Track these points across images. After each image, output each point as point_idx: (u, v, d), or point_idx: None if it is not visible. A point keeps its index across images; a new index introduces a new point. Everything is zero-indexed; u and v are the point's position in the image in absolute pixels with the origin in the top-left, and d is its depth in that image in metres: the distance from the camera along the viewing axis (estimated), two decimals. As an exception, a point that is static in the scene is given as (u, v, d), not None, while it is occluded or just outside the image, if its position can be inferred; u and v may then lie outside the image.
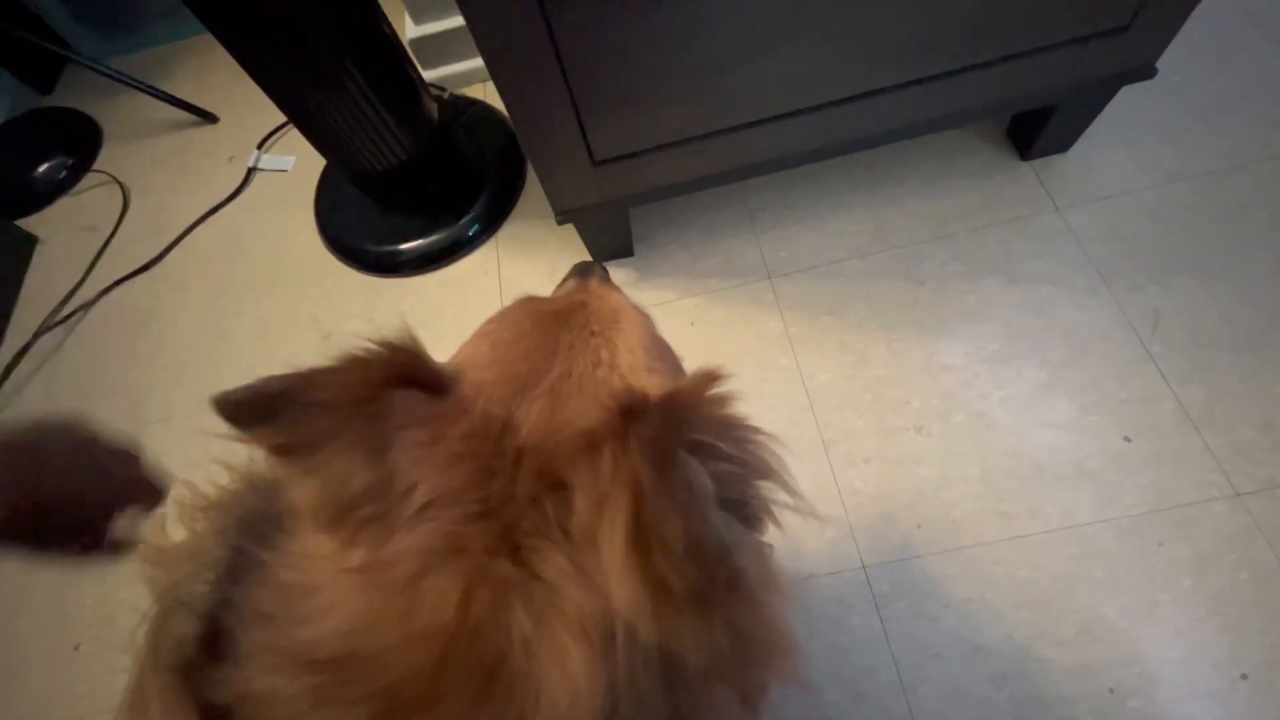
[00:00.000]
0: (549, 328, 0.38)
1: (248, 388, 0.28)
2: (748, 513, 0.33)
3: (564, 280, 0.56)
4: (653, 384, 0.36)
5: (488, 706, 0.26)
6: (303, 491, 0.29)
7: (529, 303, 0.42)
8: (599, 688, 0.26)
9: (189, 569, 0.42)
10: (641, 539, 0.26)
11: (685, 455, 0.28)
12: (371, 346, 0.30)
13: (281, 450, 0.29)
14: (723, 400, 0.32)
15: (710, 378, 0.32)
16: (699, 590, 0.26)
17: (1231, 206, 0.95)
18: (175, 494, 0.61)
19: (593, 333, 0.38)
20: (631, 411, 0.28)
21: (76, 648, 0.96)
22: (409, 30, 1.26)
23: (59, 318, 1.26)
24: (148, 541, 0.54)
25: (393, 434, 0.29)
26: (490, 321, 0.41)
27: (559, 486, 0.29)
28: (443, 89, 1.32)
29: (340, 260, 1.22)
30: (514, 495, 0.29)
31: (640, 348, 0.38)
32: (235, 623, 0.31)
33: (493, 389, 0.33)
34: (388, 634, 0.27)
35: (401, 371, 0.30)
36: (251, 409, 0.28)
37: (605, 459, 0.28)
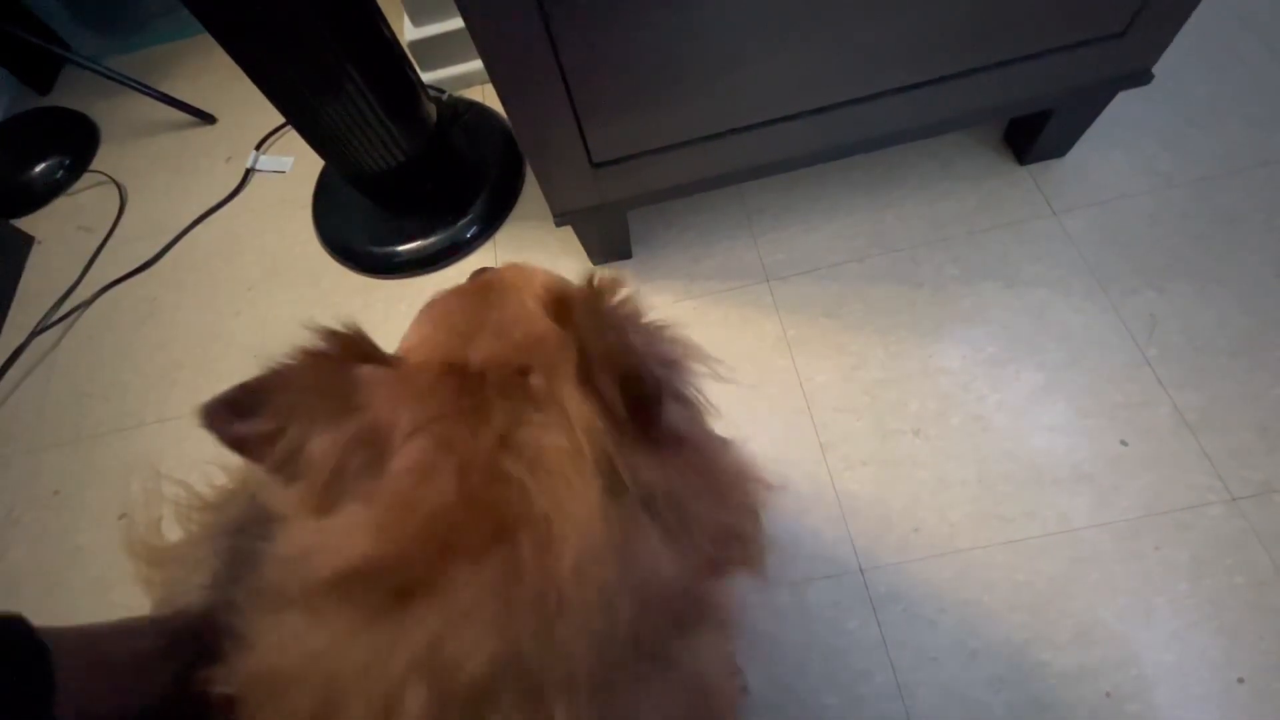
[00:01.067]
0: (473, 297, 0.43)
1: (231, 390, 0.31)
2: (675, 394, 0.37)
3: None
4: (563, 291, 0.41)
5: (500, 550, 0.28)
6: (290, 488, 0.32)
7: (445, 292, 0.47)
8: (595, 509, 0.29)
9: (186, 569, 0.43)
10: (586, 374, 0.31)
11: (612, 309, 0.33)
12: (318, 338, 0.34)
13: (268, 440, 0.31)
14: (624, 295, 0.37)
15: (603, 281, 0.36)
16: (641, 415, 0.31)
17: (1227, 211, 0.96)
18: (171, 494, 0.61)
19: (512, 287, 0.43)
20: (563, 300, 0.35)
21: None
22: (408, 32, 1.26)
23: (55, 318, 1.25)
24: (144, 542, 0.54)
25: (363, 396, 0.33)
26: (419, 314, 0.45)
27: (521, 374, 0.34)
28: (441, 91, 1.32)
29: (338, 261, 1.22)
30: (485, 396, 0.33)
31: (541, 282, 0.43)
32: (237, 619, 0.32)
33: (443, 345, 0.38)
34: (399, 536, 0.29)
35: (353, 350, 0.34)
36: (237, 407, 0.31)
37: (551, 336, 0.35)
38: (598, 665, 0.28)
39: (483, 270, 0.56)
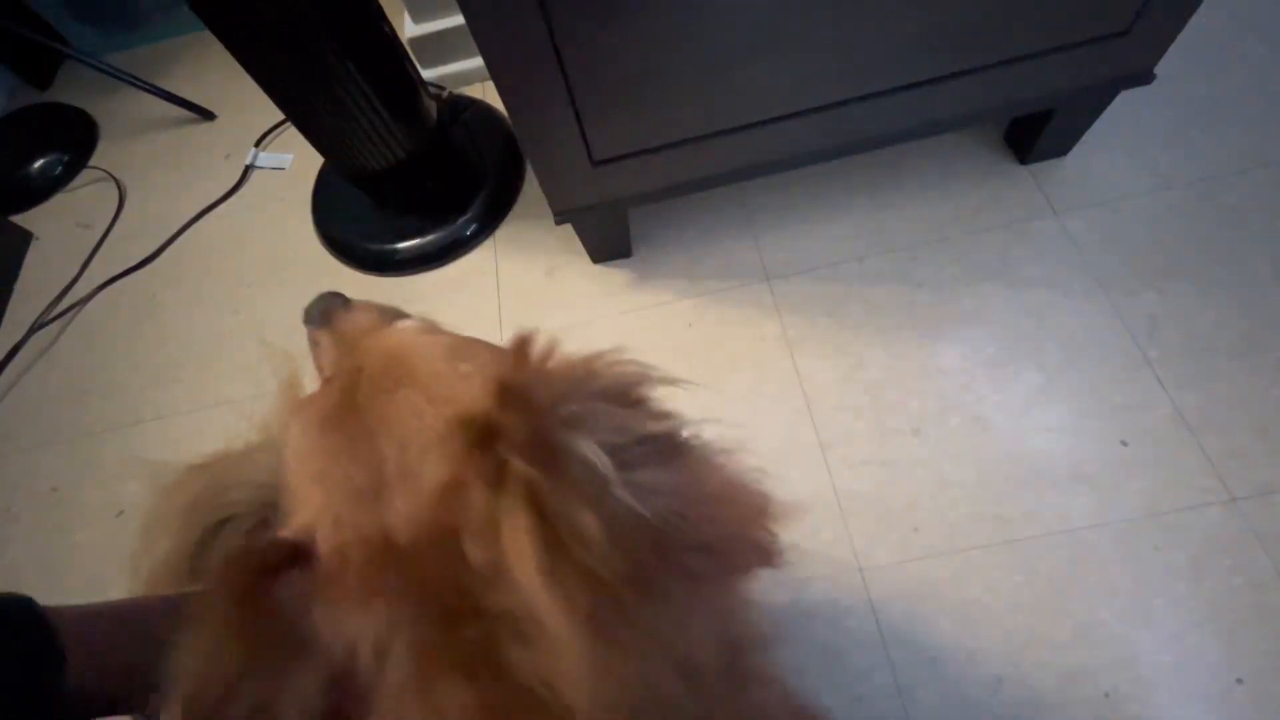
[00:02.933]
0: (345, 422, 0.32)
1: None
2: (655, 446, 0.29)
3: (312, 336, 0.45)
4: (475, 388, 0.31)
5: None
6: None
7: (302, 412, 0.35)
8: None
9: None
10: (554, 548, 0.23)
11: (568, 436, 0.25)
12: (208, 586, 0.25)
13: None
14: (553, 356, 0.29)
15: (524, 342, 0.29)
16: (634, 575, 0.24)
17: (1228, 212, 0.96)
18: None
19: (387, 390, 0.32)
20: (485, 429, 0.25)
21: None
22: (408, 29, 1.26)
23: (54, 314, 1.25)
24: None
25: (301, 626, 0.25)
26: (290, 455, 0.34)
27: (455, 542, 0.26)
28: (442, 88, 1.32)
29: (337, 258, 1.22)
30: (439, 598, 0.26)
31: (441, 365, 0.33)
32: None
33: (347, 519, 0.29)
34: None
35: (261, 578, 0.26)
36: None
37: (476, 494, 0.25)
38: None
39: (325, 320, 0.43)
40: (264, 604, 0.25)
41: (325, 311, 0.44)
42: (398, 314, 0.42)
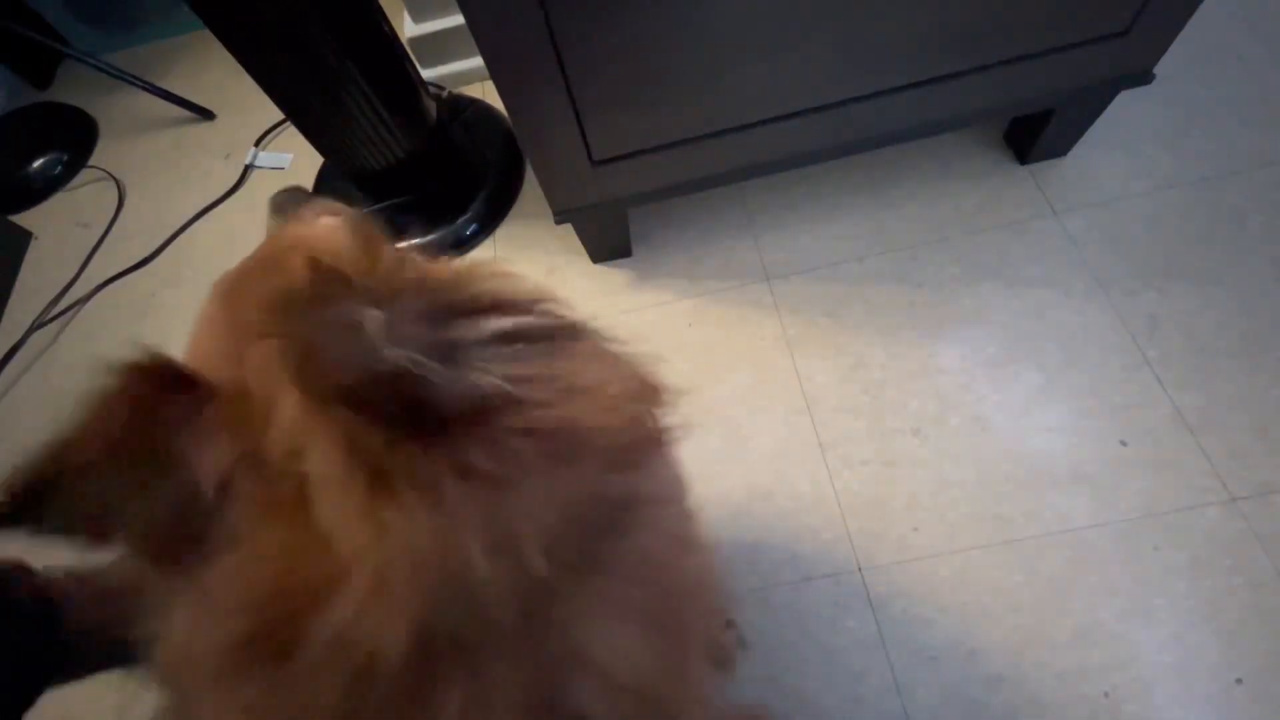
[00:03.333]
0: (244, 291, 0.36)
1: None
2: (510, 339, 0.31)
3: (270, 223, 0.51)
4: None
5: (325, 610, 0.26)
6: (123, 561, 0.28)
7: (221, 283, 0.39)
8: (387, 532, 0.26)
9: None
10: (313, 400, 0.26)
11: (345, 309, 0.26)
12: (109, 379, 0.27)
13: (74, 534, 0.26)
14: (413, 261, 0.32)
15: (371, 239, 0.32)
16: (422, 445, 0.26)
17: (1228, 212, 0.96)
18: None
19: (281, 268, 0.36)
20: (286, 297, 0.26)
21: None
22: (408, 29, 1.26)
23: (52, 314, 1.25)
24: None
25: (174, 446, 0.27)
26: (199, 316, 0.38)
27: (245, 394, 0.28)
28: (441, 87, 1.32)
29: (337, 258, 1.22)
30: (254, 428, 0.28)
31: (322, 250, 0.35)
32: None
33: (219, 349, 0.32)
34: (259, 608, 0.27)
35: (154, 390, 0.28)
36: (18, 514, 0.25)
37: (262, 357, 0.28)
38: (507, 618, 0.28)
39: (282, 209, 0.49)
40: (155, 413, 0.27)
41: (281, 204, 0.50)
42: (336, 210, 0.45)
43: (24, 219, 1.40)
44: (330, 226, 0.38)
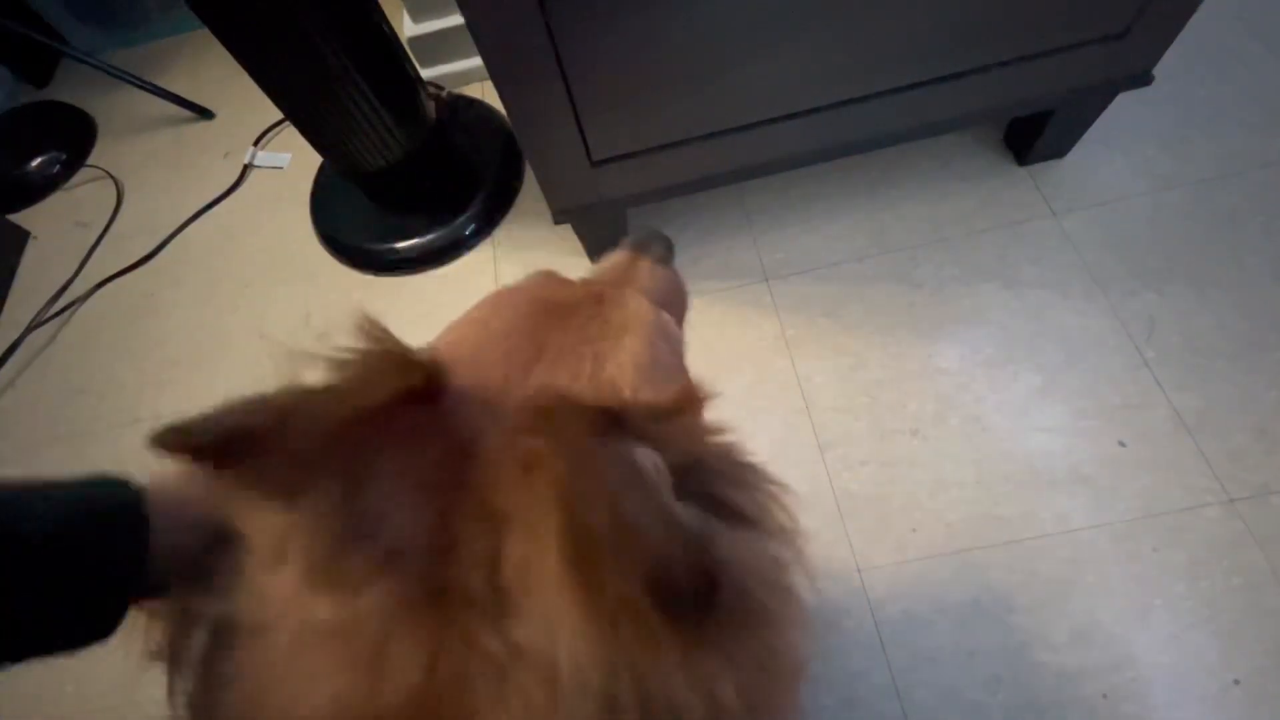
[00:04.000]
0: (543, 324, 0.33)
1: (204, 422, 0.21)
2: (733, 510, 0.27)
3: (619, 248, 0.48)
4: (614, 386, 0.31)
5: None
6: (265, 531, 0.24)
7: (539, 285, 0.37)
8: None
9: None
10: (578, 549, 0.19)
11: (617, 438, 0.22)
12: (349, 358, 0.23)
13: (243, 487, 0.22)
14: (703, 423, 0.28)
15: (692, 397, 0.28)
16: (673, 602, 0.20)
17: (1226, 213, 0.96)
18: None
19: (588, 339, 0.33)
20: (552, 413, 0.22)
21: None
22: (407, 28, 1.26)
23: (51, 313, 1.25)
24: None
25: (374, 460, 0.24)
26: (487, 303, 0.36)
27: (503, 525, 0.23)
28: (441, 87, 1.32)
29: (336, 258, 1.21)
30: (465, 544, 0.24)
31: (632, 366, 0.32)
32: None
33: (465, 399, 0.28)
34: (359, 712, 0.22)
35: (389, 385, 0.24)
36: (209, 449, 0.21)
37: (538, 480, 0.22)
38: None
39: (641, 249, 0.46)
40: (364, 425, 0.22)
41: (640, 245, 0.47)
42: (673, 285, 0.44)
43: (22, 218, 1.40)
44: (649, 319, 0.36)
